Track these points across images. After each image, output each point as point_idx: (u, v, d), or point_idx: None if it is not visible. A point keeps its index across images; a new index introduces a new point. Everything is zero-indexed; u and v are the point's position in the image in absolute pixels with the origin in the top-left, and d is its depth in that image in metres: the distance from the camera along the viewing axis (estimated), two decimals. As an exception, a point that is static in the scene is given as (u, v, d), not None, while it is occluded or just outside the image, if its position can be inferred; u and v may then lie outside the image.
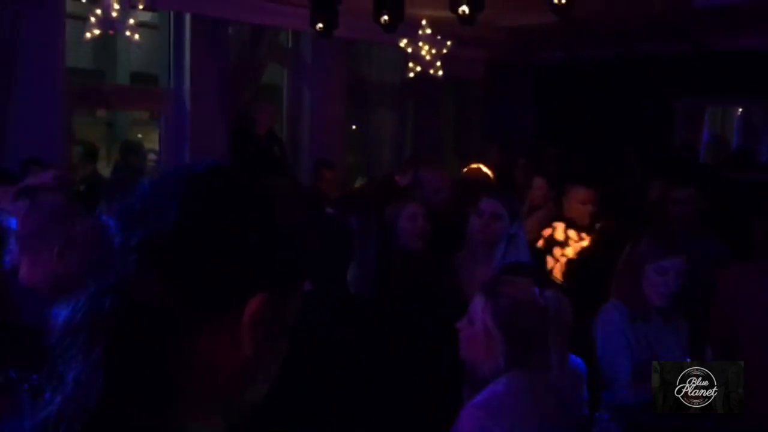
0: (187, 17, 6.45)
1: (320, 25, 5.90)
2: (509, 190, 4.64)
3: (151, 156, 7.71)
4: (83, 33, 5.48)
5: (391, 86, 8.02)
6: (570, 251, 4.02)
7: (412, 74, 7.13)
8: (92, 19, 5.34)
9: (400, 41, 6.85)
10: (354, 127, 7.99)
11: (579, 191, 4.15)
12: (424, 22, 6.82)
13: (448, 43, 6.92)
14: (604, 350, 2.66)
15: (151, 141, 8.35)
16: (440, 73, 7.08)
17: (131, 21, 5.41)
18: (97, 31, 5.36)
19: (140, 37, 5.59)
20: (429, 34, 6.90)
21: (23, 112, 5.35)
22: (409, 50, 6.95)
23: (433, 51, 6.93)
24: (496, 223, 3.10)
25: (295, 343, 0.81)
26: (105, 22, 5.29)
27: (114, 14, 5.28)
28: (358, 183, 7.04)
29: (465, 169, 5.57)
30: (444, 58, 7.00)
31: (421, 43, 6.90)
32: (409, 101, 8.25)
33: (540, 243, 4.04)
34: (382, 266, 2.81)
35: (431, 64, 6.97)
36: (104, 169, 7.79)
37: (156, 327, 0.69)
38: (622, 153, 6.84)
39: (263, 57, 6.93)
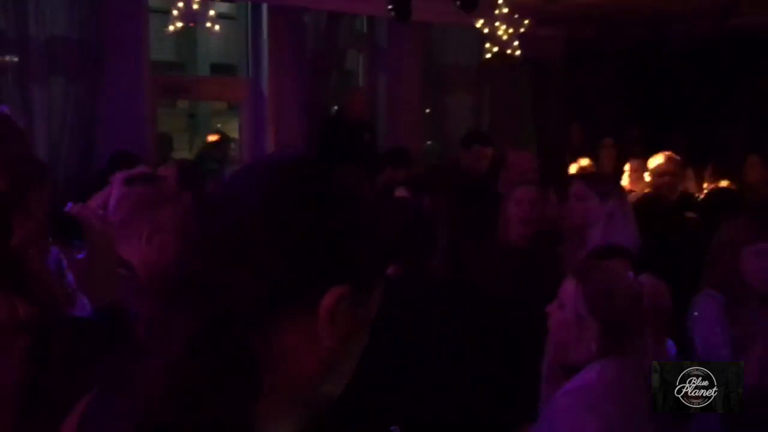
0: (264, 7, 6.52)
1: (396, 9, 5.86)
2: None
3: (232, 146, 7.87)
4: (165, 26, 5.63)
5: (468, 69, 7.91)
6: None
7: (488, 55, 7.02)
8: (174, 12, 5.48)
9: (477, 21, 6.74)
10: (427, 110, 7.92)
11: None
12: (500, 1, 6.69)
13: (526, 21, 6.77)
14: (705, 347, 2.49)
15: (231, 131, 8.54)
16: (518, 53, 6.94)
17: (211, 12, 5.52)
18: (179, 24, 5.50)
19: (219, 28, 5.71)
20: (506, 14, 6.76)
21: (111, 104, 5.54)
22: (486, 31, 6.83)
23: (510, 30, 6.79)
24: (581, 205, 3.01)
25: (377, 332, 0.79)
26: (187, 14, 5.41)
27: (195, 6, 5.40)
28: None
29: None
30: (522, 38, 6.86)
31: (498, 23, 6.77)
32: (486, 83, 8.12)
33: None
34: (455, 248, 2.76)
35: (508, 44, 6.83)
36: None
37: (238, 317, 0.68)
38: (714, 131, 6.56)
39: (341, 44, 6.94)
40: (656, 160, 4.32)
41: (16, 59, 5.20)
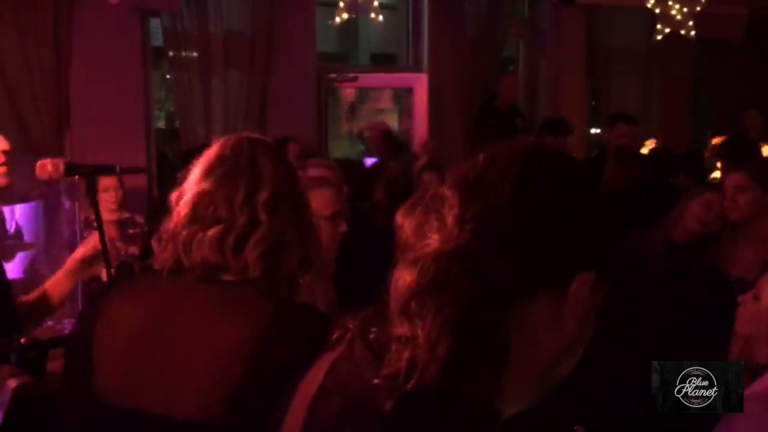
0: (425, -5, 6.57)
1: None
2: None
3: (392, 134, 8.01)
4: (330, 18, 5.83)
5: (636, 52, 7.52)
6: None
7: (660, 37, 6.63)
8: (341, 3, 5.65)
9: (648, 1, 6.39)
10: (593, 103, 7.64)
11: None
12: (676, -22, 6.31)
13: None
14: None
15: (390, 120, 8.69)
16: (692, 33, 6.50)
17: (375, 3, 5.64)
18: (345, 15, 5.67)
19: (381, 18, 5.82)
20: (682, -8, 6.36)
21: (280, 94, 5.83)
22: (658, 10, 6.46)
23: (686, 9, 6.37)
24: (743, 196, 2.87)
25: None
26: (352, 5, 5.57)
27: (360, -2, 5.54)
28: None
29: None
30: (697, 17, 6.42)
31: (671, 2, 6.38)
32: (655, 67, 7.68)
33: None
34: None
35: (683, 24, 6.42)
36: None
37: (494, 295, 0.72)
38: None
39: (502, 30, 6.85)
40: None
41: (197, 54, 5.61)
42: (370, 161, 5.82)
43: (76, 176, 2.20)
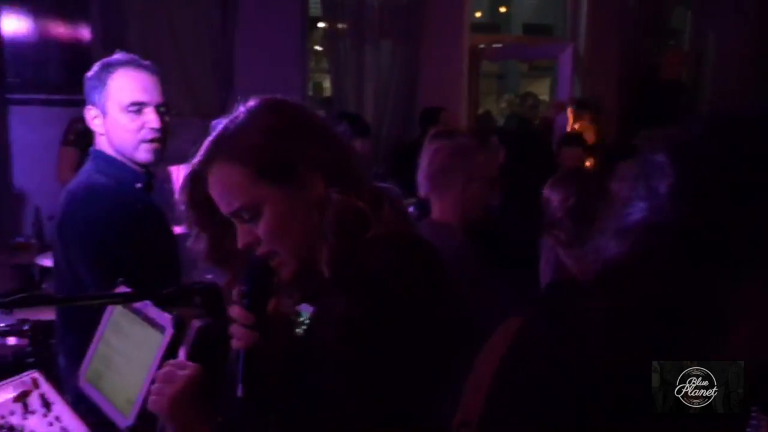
0: (587, -37, 6.31)
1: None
2: None
3: (540, 107, 7.84)
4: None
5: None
6: None
7: None
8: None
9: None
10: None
11: None
12: None
13: None
14: None
15: (539, 92, 8.49)
16: None
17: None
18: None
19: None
20: None
21: (431, 66, 5.82)
22: None
23: None
24: None
25: None
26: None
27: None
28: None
29: None
30: None
31: None
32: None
33: None
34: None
35: None
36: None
37: (708, 273, 0.68)
38: None
39: (668, 1, 6.46)
40: None
41: (352, 25, 5.71)
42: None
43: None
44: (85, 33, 5.10)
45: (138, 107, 1.98)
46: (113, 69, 1.99)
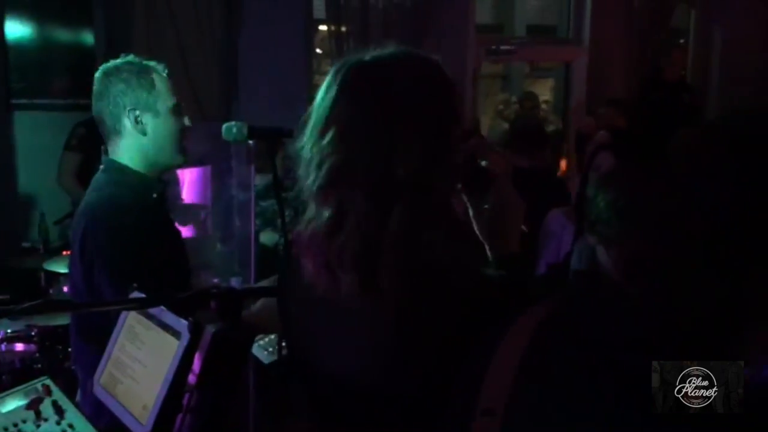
0: (591, -37, 6.28)
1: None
2: None
3: (543, 107, 7.80)
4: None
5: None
6: None
7: None
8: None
9: None
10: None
11: None
12: None
13: None
14: None
15: (541, 93, 8.46)
16: None
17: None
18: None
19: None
20: None
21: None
22: None
23: None
24: None
25: None
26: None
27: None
28: None
29: None
30: None
31: None
32: None
33: None
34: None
35: None
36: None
37: (752, 281, 0.69)
38: None
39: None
40: None
41: (356, 27, 5.69)
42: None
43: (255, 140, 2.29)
44: (88, 38, 5.09)
45: (180, 108, 2.01)
46: (151, 70, 1.99)
